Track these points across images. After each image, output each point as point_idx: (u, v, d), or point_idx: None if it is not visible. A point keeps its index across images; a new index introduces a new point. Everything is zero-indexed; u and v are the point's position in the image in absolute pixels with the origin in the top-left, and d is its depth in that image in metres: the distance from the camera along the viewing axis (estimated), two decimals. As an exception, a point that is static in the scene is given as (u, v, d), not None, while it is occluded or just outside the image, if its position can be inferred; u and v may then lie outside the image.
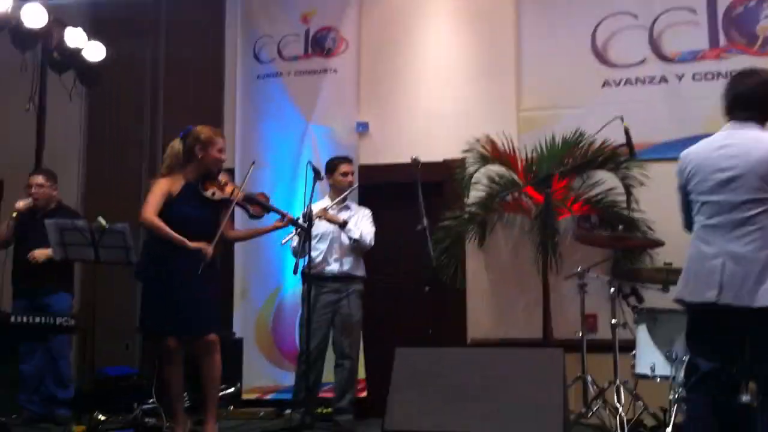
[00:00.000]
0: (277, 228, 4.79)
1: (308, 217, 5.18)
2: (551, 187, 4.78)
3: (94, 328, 4.64)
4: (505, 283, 6.18)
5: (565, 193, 5.83)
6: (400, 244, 6.42)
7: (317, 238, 5.47)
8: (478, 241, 6.15)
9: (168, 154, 4.63)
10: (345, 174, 5.60)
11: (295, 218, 4.89)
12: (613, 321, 4.82)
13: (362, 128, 6.61)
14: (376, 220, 5.75)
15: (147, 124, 7.24)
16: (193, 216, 4.42)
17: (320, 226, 5.50)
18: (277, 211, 4.68)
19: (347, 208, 5.66)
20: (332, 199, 5.56)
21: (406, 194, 6.04)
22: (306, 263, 5.41)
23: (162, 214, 4.44)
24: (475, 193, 6.12)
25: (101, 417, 5.25)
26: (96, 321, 4.69)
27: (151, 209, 4.41)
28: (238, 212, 4.84)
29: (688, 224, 3.51)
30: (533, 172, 5.90)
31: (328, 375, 5.60)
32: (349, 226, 5.47)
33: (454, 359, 2.87)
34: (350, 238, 5.44)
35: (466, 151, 6.09)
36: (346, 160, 5.71)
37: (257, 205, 4.63)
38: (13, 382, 5.96)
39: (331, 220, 5.41)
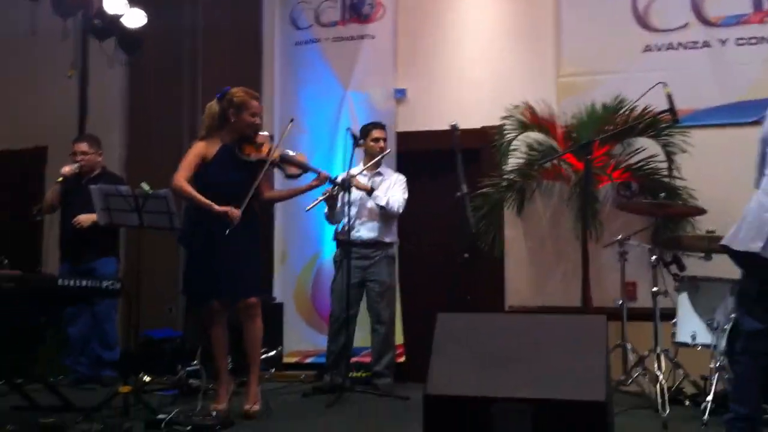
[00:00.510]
0: (313, 187, 4.69)
1: (348, 184, 5.21)
2: (591, 154, 4.73)
3: (139, 291, 4.71)
4: (544, 251, 6.18)
5: (606, 160, 5.78)
6: (438, 212, 6.43)
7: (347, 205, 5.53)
8: (517, 209, 6.14)
9: (206, 115, 4.61)
10: (376, 140, 5.60)
11: (333, 177, 4.80)
12: (654, 289, 4.79)
13: (400, 95, 6.60)
14: (414, 187, 5.76)
15: (186, 91, 7.29)
16: (228, 179, 4.41)
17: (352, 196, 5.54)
18: (313, 170, 4.60)
19: (380, 174, 5.67)
20: (365, 165, 5.58)
21: (444, 161, 6.05)
22: (342, 228, 5.49)
23: (198, 178, 4.46)
24: (514, 161, 6.08)
25: (146, 378, 5.39)
26: (140, 285, 4.76)
27: (181, 174, 4.43)
28: (279, 174, 4.82)
29: (758, 179, 3.45)
30: (573, 138, 5.85)
31: (367, 340, 5.67)
32: (378, 192, 5.47)
33: (496, 324, 2.88)
34: (377, 205, 5.44)
35: (505, 117, 6.05)
36: (378, 125, 5.71)
37: (293, 164, 4.59)
38: (60, 345, 6.12)
39: (357, 187, 5.42)
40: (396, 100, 6.57)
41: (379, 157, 5.60)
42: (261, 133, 4.63)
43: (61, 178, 5.72)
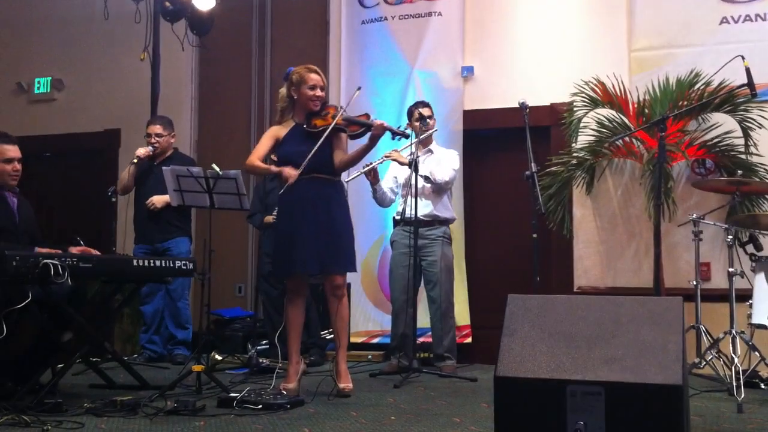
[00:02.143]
0: (374, 139, 4.49)
1: (415, 165, 5.17)
2: (665, 131, 4.61)
3: (210, 271, 4.79)
4: (614, 231, 6.07)
5: (680, 137, 5.63)
6: (505, 191, 6.39)
7: (399, 184, 5.53)
8: (586, 188, 6.04)
9: (278, 99, 4.69)
10: (420, 118, 5.52)
11: (395, 127, 4.66)
12: (730, 269, 4.66)
13: (467, 72, 6.54)
14: (481, 166, 5.71)
15: (255, 71, 7.38)
16: (296, 151, 4.41)
17: (399, 172, 5.51)
18: (369, 123, 4.51)
19: (431, 151, 5.63)
20: (416, 146, 5.47)
21: (512, 139, 6.00)
22: (397, 209, 5.49)
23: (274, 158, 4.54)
24: (584, 138, 5.98)
25: (218, 357, 5.49)
26: (212, 265, 4.84)
27: (253, 155, 4.53)
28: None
29: None
30: (645, 115, 5.72)
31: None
32: (426, 166, 5.38)
33: (569, 306, 2.83)
34: (421, 177, 5.36)
35: (575, 94, 5.94)
36: (422, 104, 5.66)
37: (354, 123, 4.54)
38: (135, 324, 6.28)
39: (396, 159, 5.36)
40: (463, 78, 6.52)
41: (426, 134, 5.52)
42: (329, 104, 4.64)
43: (135, 160, 5.85)
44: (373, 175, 5.37)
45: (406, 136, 4.82)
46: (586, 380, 2.59)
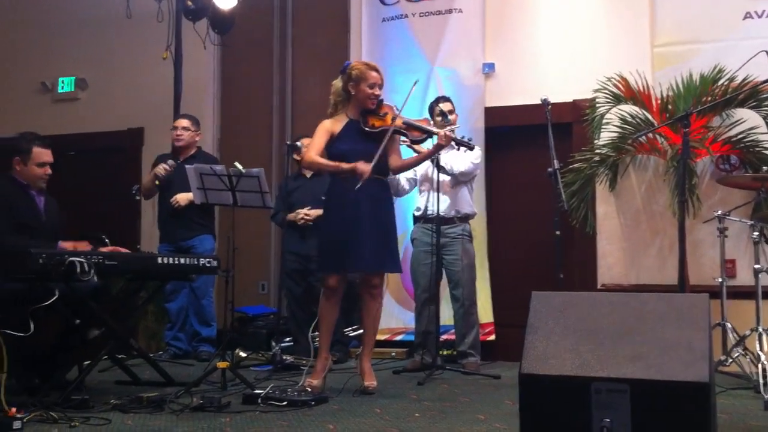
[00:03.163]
0: (438, 148, 4.57)
1: (436, 161, 5.18)
2: (689, 127, 4.57)
3: (234, 268, 4.82)
4: (638, 228, 6.03)
5: (704, 133, 5.59)
6: (528, 188, 6.37)
7: (417, 179, 5.52)
8: (609, 184, 6.01)
9: (332, 92, 4.67)
10: (441, 114, 5.51)
11: (460, 138, 4.69)
12: (756, 266, 4.62)
13: (488, 69, 6.52)
14: (503, 163, 5.68)
15: (276, 69, 7.40)
16: (353, 150, 4.42)
17: (421, 167, 5.49)
18: (435, 132, 4.54)
19: (451, 146, 5.60)
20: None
21: (534, 136, 5.97)
22: (417, 206, 5.50)
23: (328, 153, 4.54)
24: (607, 134, 5.95)
25: (243, 354, 5.52)
26: (235, 262, 4.87)
27: (311, 151, 4.54)
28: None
29: None
30: (669, 111, 5.68)
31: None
32: (444, 160, 5.34)
33: (593, 303, 2.82)
34: (438, 168, 5.32)
35: (597, 90, 5.90)
36: (444, 99, 5.64)
37: (416, 129, 4.55)
38: (160, 321, 6.33)
39: (418, 152, 5.34)
40: (484, 75, 6.50)
41: (447, 129, 5.48)
42: (385, 103, 4.65)
43: (157, 182, 5.93)
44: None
45: (471, 148, 4.85)
46: (611, 377, 2.58)
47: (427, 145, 4.83)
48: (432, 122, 5.45)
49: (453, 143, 4.64)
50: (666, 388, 2.52)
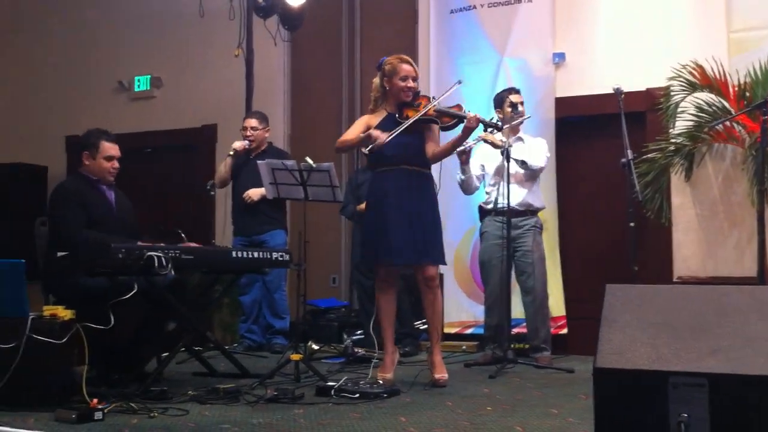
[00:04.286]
0: (468, 131, 4.48)
1: (506, 153, 5.15)
2: (767, 114, 4.44)
3: (306, 262, 4.88)
4: (715, 218, 5.87)
5: (784, 120, 5.41)
6: (600, 179, 6.27)
7: (489, 173, 5.48)
8: (685, 174, 5.86)
9: (372, 89, 4.72)
10: (513, 105, 5.45)
11: (487, 119, 4.63)
12: (840, 257, 4.47)
13: (558, 59, 6.42)
14: (575, 154, 5.61)
15: (345, 64, 7.45)
16: (389, 142, 4.41)
17: (488, 160, 5.46)
18: (463, 115, 4.49)
19: (520, 139, 5.55)
20: (504, 133, 5.40)
21: (606, 126, 5.89)
22: (486, 199, 5.46)
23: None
24: (682, 123, 5.81)
25: (315, 346, 5.59)
26: (307, 256, 4.93)
27: (342, 137, 4.62)
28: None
29: None
30: (746, 98, 5.51)
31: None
32: (518, 152, 5.30)
33: (669, 295, 2.76)
34: (516, 161, 5.28)
35: (672, 78, 5.77)
36: (513, 90, 5.58)
37: (446, 115, 4.54)
38: (234, 314, 6.45)
39: (492, 142, 5.28)
40: (554, 65, 6.41)
41: (518, 121, 5.45)
42: (422, 94, 4.65)
43: (232, 152, 6.02)
44: (465, 156, 5.32)
45: (499, 129, 4.79)
46: (689, 371, 2.53)
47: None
48: (500, 111, 5.41)
49: (481, 125, 4.56)
50: (747, 383, 2.45)
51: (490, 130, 4.61)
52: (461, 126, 4.50)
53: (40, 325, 3.72)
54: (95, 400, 3.51)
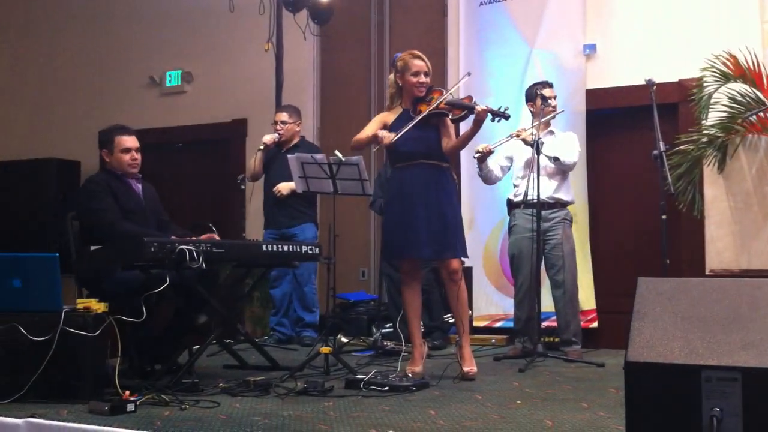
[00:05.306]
0: (478, 123, 4.42)
1: (537, 146, 5.12)
2: (804, 105, 4.39)
3: (335, 255, 4.89)
4: (749, 211, 5.81)
5: (820, 111, 5.33)
6: (632, 172, 6.22)
7: (519, 165, 5.46)
8: (718, 166, 5.80)
9: (389, 86, 4.75)
10: (543, 98, 5.41)
11: (496, 108, 4.55)
12: None
13: (589, 50, 6.37)
14: (606, 146, 5.57)
15: (374, 58, 7.44)
16: (405, 137, 4.42)
17: (517, 153, 5.42)
18: (471, 107, 4.47)
19: (551, 133, 5.51)
20: (537, 127, 5.36)
21: (638, 118, 5.84)
22: (515, 192, 5.44)
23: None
24: (715, 114, 5.74)
25: (344, 339, 5.60)
26: (336, 249, 4.94)
27: (358, 135, 4.63)
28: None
29: None
30: (782, 88, 5.44)
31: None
32: (549, 147, 5.26)
33: (702, 289, 2.73)
34: (548, 157, 5.25)
35: (705, 69, 5.70)
36: (546, 84, 5.54)
37: (456, 107, 4.53)
38: (265, 307, 6.49)
39: (525, 139, 5.25)
40: (585, 57, 6.36)
41: (550, 116, 5.42)
42: (435, 88, 4.64)
43: (262, 146, 6.06)
44: (482, 156, 5.29)
45: (507, 118, 4.72)
46: (722, 365, 2.50)
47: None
48: (531, 105, 5.38)
49: (490, 115, 4.52)
50: (780, 377, 2.42)
51: (497, 119, 4.56)
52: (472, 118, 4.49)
53: (73, 318, 3.75)
54: (128, 393, 3.54)
